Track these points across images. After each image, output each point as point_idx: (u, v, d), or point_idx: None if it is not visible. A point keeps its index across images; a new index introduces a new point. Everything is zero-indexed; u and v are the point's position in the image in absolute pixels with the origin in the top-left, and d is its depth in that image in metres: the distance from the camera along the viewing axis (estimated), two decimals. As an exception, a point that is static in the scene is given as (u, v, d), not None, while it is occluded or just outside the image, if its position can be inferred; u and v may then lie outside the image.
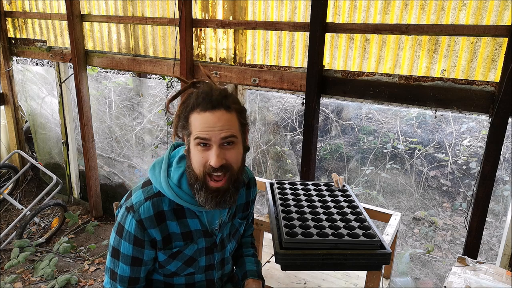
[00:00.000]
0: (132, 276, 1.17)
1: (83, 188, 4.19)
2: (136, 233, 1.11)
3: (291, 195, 1.74)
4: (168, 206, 1.14)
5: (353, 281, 2.03)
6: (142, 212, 1.11)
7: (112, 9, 3.16)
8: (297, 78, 2.43)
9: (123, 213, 1.15)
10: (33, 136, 4.52)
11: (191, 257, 1.21)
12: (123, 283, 1.18)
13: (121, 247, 1.14)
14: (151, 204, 1.12)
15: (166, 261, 1.19)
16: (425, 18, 1.99)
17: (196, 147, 1.07)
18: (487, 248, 3.19)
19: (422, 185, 3.61)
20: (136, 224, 1.11)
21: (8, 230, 3.46)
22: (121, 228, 1.14)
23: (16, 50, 4.02)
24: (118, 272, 1.17)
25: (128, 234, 1.12)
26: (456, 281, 1.63)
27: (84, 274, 3.08)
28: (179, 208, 1.16)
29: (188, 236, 1.19)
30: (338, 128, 4.05)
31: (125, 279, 1.17)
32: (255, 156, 4.00)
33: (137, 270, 1.17)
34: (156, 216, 1.12)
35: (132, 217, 1.11)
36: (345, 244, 1.36)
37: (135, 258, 1.15)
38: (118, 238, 1.15)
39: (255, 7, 2.50)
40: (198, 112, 1.06)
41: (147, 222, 1.11)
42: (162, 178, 1.13)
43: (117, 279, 1.17)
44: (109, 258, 1.19)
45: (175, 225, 1.16)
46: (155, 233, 1.13)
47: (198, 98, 1.07)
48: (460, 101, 1.98)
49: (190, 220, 1.18)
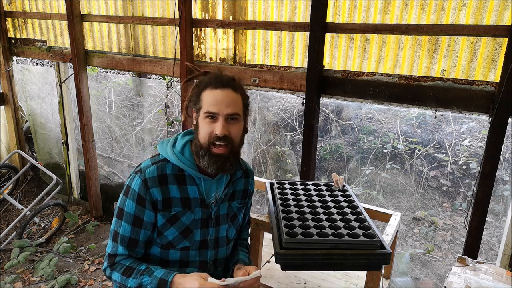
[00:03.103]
0: (132, 237, 1.26)
1: (83, 188, 4.19)
2: (140, 191, 1.23)
3: (291, 195, 1.74)
4: (171, 170, 1.27)
5: (353, 281, 2.03)
6: (147, 173, 1.24)
7: (112, 9, 3.16)
8: (297, 78, 2.43)
9: (131, 176, 1.28)
10: (33, 136, 4.52)
11: (187, 227, 1.29)
12: (123, 243, 1.26)
13: (126, 205, 1.25)
14: (156, 167, 1.26)
15: (164, 225, 1.26)
16: (425, 18, 1.99)
17: (204, 120, 1.22)
18: (487, 248, 3.19)
19: (422, 185, 3.61)
20: (141, 182, 1.23)
21: (8, 230, 3.46)
22: (128, 188, 1.26)
23: (16, 50, 4.02)
24: (120, 231, 1.26)
25: (133, 193, 1.24)
26: (456, 281, 1.63)
27: (84, 274, 3.08)
28: (180, 174, 1.28)
29: (186, 203, 1.28)
30: (338, 128, 4.05)
31: (126, 239, 1.26)
32: (255, 156, 4.00)
33: (137, 231, 1.26)
34: (159, 177, 1.24)
35: (138, 177, 1.24)
36: (345, 244, 1.36)
37: (136, 217, 1.24)
38: (124, 197, 1.27)
39: (255, 7, 2.50)
40: (210, 89, 1.22)
41: (151, 182, 1.23)
42: (168, 147, 1.29)
43: (119, 239, 1.26)
44: (114, 220, 1.29)
45: (176, 189, 1.27)
46: (157, 192, 1.24)
47: (211, 78, 1.24)
48: (460, 101, 1.99)
49: (189, 187, 1.29)
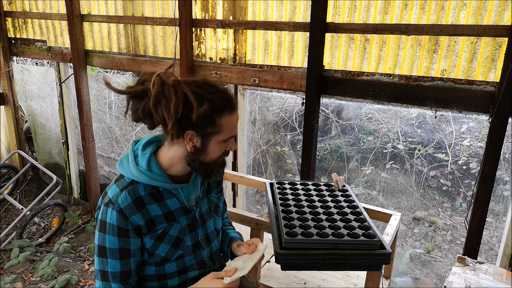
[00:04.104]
0: (123, 271, 1.17)
1: (83, 188, 4.19)
2: (119, 223, 1.13)
3: (291, 195, 1.74)
4: (144, 191, 1.17)
5: (353, 281, 2.03)
6: (120, 202, 1.13)
7: (112, 9, 3.16)
8: (297, 78, 2.43)
9: (102, 209, 1.16)
10: (33, 136, 4.52)
11: (177, 238, 1.24)
12: (116, 280, 1.17)
13: (107, 242, 1.14)
14: (127, 192, 1.15)
15: (153, 246, 1.20)
16: (425, 18, 1.99)
17: (221, 143, 1.18)
18: (487, 248, 3.19)
19: (422, 185, 3.61)
20: (117, 214, 1.12)
21: (8, 230, 3.46)
22: (103, 223, 1.15)
23: (16, 50, 4.02)
24: (109, 269, 1.16)
25: (111, 227, 1.13)
26: (456, 281, 1.63)
27: (84, 274, 3.08)
28: (155, 192, 1.19)
29: (170, 216, 1.22)
30: (338, 128, 4.05)
31: (117, 275, 1.17)
32: (255, 156, 4.00)
33: (127, 262, 1.17)
34: (135, 202, 1.15)
35: (112, 209, 1.13)
36: (345, 244, 1.36)
37: (122, 250, 1.15)
38: (102, 234, 1.15)
39: (255, 7, 2.50)
40: (228, 114, 1.14)
41: (128, 210, 1.13)
42: (132, 167, 1.17)
43: (110, 277, 1.17)
44: (96, 260, 1.18)
45: (156, 207, 1.19)
46: (137, 219, 1.15)
47: (219, 99, 1.12)
48: (460, 101, 1.98)
49: (168, 200, 1.22)
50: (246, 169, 3.06)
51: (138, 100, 1.13)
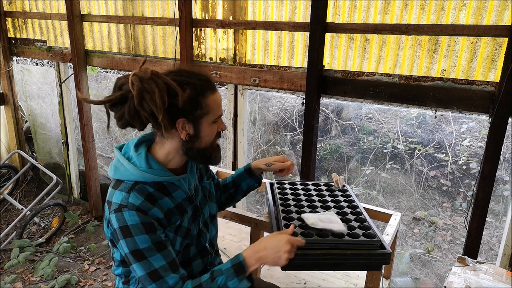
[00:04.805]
0: (169, 261, 1.12)
1: (83, 188, 4.19)
2: (142, 220, 1.09)
3: (291, 195, 1.74)
4: (151, 188, 1.16)
5: (353, 281, 2.03)
6: (133, 201, 1.10)
7: (112, 9, 3.16)
8: (297, 78, 2.43)
9: (116, 217, 1.10)
10: (33, 136, 4.52)
11: (188, 228, 1.26)
12: (167, 273, 1.11)
13: (138, 243, 1.08)
14: (136, 192, 1.12)
15: (173, 239, 1.19)
16: (425, 18, 1.99)
17: (212, 125, 1.19)
18: (487, 248, 3.19)
19: (422, 185, 3.61)
20: (136, 213, 1.08)
21: (8, 230, 3.46)
22: (125, 229, 1.09)
23: (16, 50, 4.02)
24: (156, 266, 1.10)
25: (135, 227, 1.08)
26: (456, 281, 1.63)
27: (84, 274, 3.08)
28: (161, 187, 1.18)
29: (181, 208, 1.23)
30: (338, 128, 4.05)
31: (166, 267, 1.11)
32: (255, 156, 4.00)
33: (168, 253, 1.13)
34: (147, 199, 1.12)
35: (128, 211, 1.09)
36: (345, 244, 1.35)
37: (156, 243, 1.11)
38: (130, 239, 1.08)
39: (255, 7, 2.50)
40: (211, 93, 1.16)
41: (144, 206, 1.10)
42: (132, 169, 1.14)
43: (161, 273, 1.10)
44: (138, 268, 1.10)
45: (167, 200, 1.18)
46: (156, 212, 1.13)
47: (200, 81, 1.14)
48: (460, 101, 1.98)
49: (174, 193, 1.22)
50: (246, 169, 3.05)
51: (120, 106, 1.11)
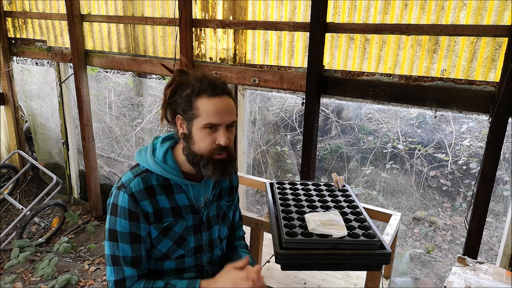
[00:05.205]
0: (134, 255, 1.18)
1: (83, 188, 4.19)
2: (130, 207, 1.16)
3: (291, 195, 1.74)
4: (156, 181, 1.21)
5: (353, 281, 2.03)
6: (132, 186, 1.17)
7: (112, 9, 3.16)
8: (297, 78, 2.43)
9: (114, 193, 1.20)
10: (33, 136, 4.52)
11: (181, 236, 1.25)
12: (127, 264, 1.18)
13: (118, 225, 1.17)
14: (141, 179, 1.19)
15: (157, 238, 1.21)
16: (425, 18, 1.99)
17: (203, 130, 1.15)
18: (487, 248, 3.19)
19: (422, 185, 3.61)
20: (128, 198, 1.16)
21: (8, 230, 3.46)
22: (114, 207, 1.17)
23: (16, 50, 4.02)
24: (120, 254, 1.17)
25: (122, 210, 1.16)
26: (456, 281, 1.63)
27: (84, 274, 3.08)
28: (166, 184, 1.23)
29: (177, 212, 1.23)
30: (338, 128, 4.05)
31: (128, 260, 1.18)
32: (255, 156, 4.00)
33: (138, 248, 1.19)
34: (146, 189, 1.18)
35: (124, 193, 1.17)
36: (345, 244, 1.36)
37: (133, 234, 1.17)
38: (113, 217, 1.17)
39: (255, 7, 2.50)
40: (207, 97, 1.14)
41: (139, 195, 1.16)
42: (149, 157, 1.22)
43: (121, 262, 1.18)
44: (107, 245, 1.19)
45: (165, 199, 1.21)
46: (147, 205, 1.17)
47: (202, 83, 1.15)
48: (460, 101, 1.98)
49: (177, 195, 1.24)
50: (246, 169, 3.06)
51: None
